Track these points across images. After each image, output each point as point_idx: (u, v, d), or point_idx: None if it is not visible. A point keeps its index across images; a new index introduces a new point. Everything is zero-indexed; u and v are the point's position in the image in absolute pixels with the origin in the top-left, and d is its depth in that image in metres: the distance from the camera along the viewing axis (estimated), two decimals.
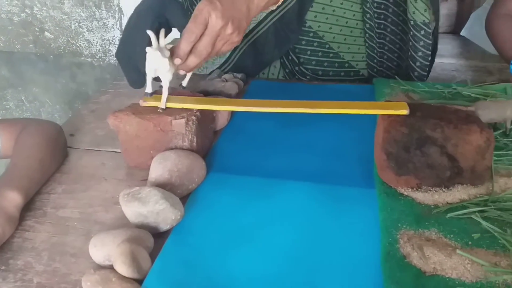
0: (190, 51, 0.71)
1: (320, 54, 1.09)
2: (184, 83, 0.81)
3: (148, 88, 0.76)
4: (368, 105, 0.74)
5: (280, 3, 0.87)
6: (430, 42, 1.04)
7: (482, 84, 0.99)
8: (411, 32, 1.05)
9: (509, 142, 0.78)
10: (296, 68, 1.10)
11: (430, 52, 1.07)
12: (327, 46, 1.08)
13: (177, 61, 0.71)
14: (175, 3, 0.74)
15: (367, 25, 1.07)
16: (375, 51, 1.10)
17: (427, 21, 1.03)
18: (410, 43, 1.06)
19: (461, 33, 2.41)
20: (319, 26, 1.06)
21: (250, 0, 0.76)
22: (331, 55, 1.10)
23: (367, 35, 1.08)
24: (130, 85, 0.75)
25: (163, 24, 0.73)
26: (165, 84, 0.74)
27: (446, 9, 2.42)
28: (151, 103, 0.76)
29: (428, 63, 1.08)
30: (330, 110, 0.73)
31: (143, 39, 0.70)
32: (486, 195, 0.66)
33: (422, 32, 1.04)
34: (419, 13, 1.02)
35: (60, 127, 0.82)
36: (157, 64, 0.71)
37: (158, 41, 0.70)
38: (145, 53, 0.70)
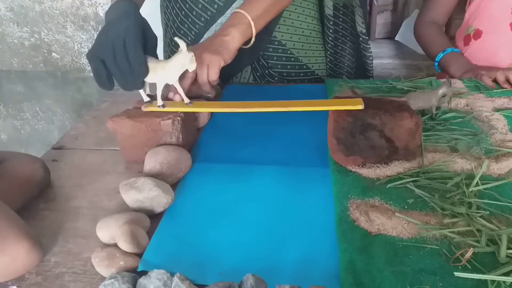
0: None
1: (284, 59, 1.09)
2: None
3: (146, 98, 0.76)
4: (329, 103, 0.73)
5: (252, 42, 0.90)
6: (368, 47, 1.06)
7: (413, 78, 1.00)
8: (357, 40, 1.07)
9: (435, 124, 0.80)
10: (266, 71, 1.11)
11: (370, 54, 1.09)
12: (289, 52, 1.09)
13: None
14: (144, 18, 0.73)
15: (330, 38, 1.08)
16: (337, 59, 1.12)
17: (363, 31, 1.05)
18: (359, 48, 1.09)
19: (396, 38, 2.44)
20: (282, 36, 1.06)
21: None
22: (292, 59, 1.10)
23: (329, 45, 1.10)
24: (99, 86, 0.71)
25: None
26: (177, 83, 0.75)
27: (383, 19, 2.44)
28: (152, 108, 0.76)
29: (371, 62, 1.11)
30: (297, 108, 0.73)
31: (136, 50, 0.67)
32: (418, 167, 0.67)
33: (361, 39, 1.06)
34: (358, 25, 1.04)
35: (40, 166, 0.68)
36: (189, 63, 0.72)
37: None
38: (142, 62, 0.69)
